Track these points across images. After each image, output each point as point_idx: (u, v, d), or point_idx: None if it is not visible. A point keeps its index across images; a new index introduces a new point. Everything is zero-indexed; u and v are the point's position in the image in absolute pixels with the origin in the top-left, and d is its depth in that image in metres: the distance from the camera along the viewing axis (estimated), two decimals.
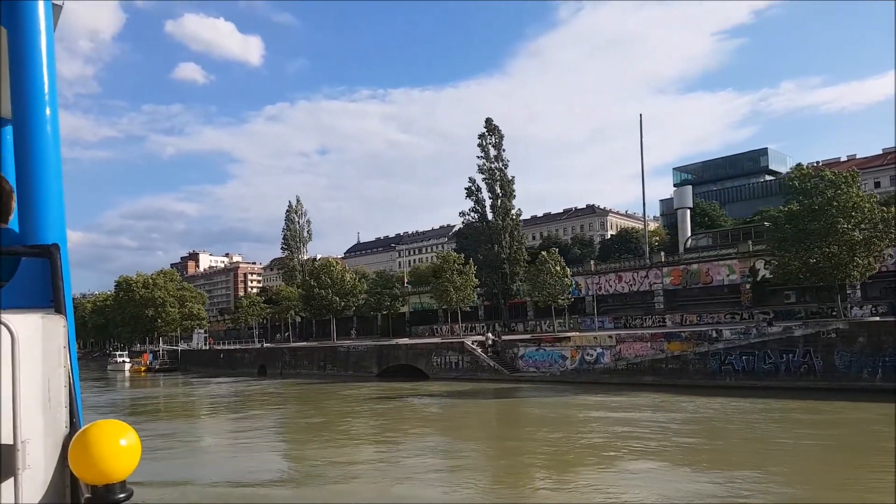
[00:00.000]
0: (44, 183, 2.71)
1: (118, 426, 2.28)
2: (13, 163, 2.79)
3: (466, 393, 45.78)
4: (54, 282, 2.58)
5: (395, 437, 30.18)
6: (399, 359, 60.09)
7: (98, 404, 54.52)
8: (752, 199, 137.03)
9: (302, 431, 33.96)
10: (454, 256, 67.44)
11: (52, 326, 2.45)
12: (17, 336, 2.23)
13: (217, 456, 28.25)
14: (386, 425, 34.44)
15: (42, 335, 2.38)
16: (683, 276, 64.19)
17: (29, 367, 2.28)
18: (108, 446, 2.20)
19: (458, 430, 31.55)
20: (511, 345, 53.12)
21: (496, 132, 77.95)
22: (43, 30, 2.75)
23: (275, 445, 30.46)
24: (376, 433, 31.67)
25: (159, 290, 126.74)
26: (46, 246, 2.60)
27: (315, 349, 71.82)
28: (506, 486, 20.06)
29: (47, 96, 2.74)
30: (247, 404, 49.75)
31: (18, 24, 2.71)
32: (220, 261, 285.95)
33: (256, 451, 28.30)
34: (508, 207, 76.56)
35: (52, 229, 2.70)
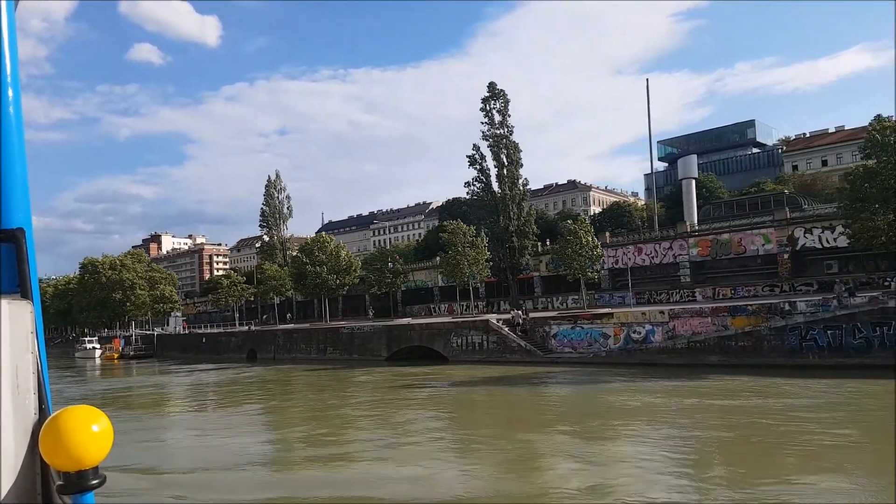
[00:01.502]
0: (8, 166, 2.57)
1: (89, 411, 2.23)
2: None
3: (508, 378, 40.72)
4: (20, 267, 2.50)
5: (478, 437, 25.04)
6: (412, 340, 54.79)
7: (72, 397, 48.48)
8: (740, 172, 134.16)
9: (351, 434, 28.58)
10: (464, 228, 62.11)
11: (19, 312, 2.41)
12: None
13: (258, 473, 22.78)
14: (448, 418, 29.33)
15: (9, 321, 2.34)
16: (712, 246, 59.79)
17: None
18: (79, 432, 2.15)
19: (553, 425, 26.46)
20: (541, 323, 48.17)
21: (501, 96, 72.55)
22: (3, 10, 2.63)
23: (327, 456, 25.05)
24: (450, 435, 26.47)
25: (127, 272, 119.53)
26: (12, 230, 2.51)
27: (313, 331, 66.07)
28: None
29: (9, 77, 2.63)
30: (251, 394, 44.22)
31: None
32: (183, 242, 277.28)
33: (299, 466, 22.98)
34: (516, 176, 71.36)
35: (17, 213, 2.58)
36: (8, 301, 2.38)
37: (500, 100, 72.60)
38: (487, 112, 72.43)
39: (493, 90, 72.70)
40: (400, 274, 76.72)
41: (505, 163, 71.41)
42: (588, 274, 53.01)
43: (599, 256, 53.79)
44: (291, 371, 56.85)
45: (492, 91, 72.70)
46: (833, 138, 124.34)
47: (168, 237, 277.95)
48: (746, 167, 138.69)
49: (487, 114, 72.45)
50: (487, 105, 72.51)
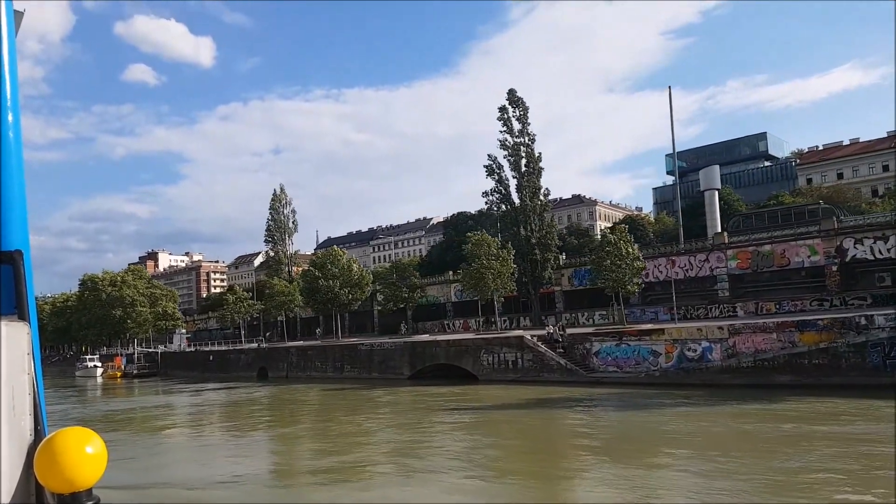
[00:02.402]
0: (7, 189, 2.65)
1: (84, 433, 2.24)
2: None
3: (549, 401, 37.42)
4: (18, 288, 2.53)
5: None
6: (437, 357, 51.42)
7: (74, 419, 44.99)
8: (753, 185, 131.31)
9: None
10: (489, 239, 58.85)
11: (16, 333, 2.41)
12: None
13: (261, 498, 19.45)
14: (482, 446, 25.98)
15: (6, 342, 2.33)
16: (753, 258, 56.58)
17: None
18: (73, 454, 2.16)
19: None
20: (580, 339, 44.86)
21: (520, 104, 69.61)
22: (5, 36, 2.72)
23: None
24: (483, 468, 23.12)
25: (128, 289, 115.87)
26: (10, 252, 2.56)
27: (329, 348, 62.61)
28: None
29: (10, 101, 2.70)
30: (264, 415, 40.81)
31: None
32: (180, 260, 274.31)
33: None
34: (537, 186, 68.26)
35: (16, 236, 2.65)
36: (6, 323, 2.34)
37: (520, 107, 69.68)
38: (506, 120, 69.46)
39: (512, 97, 69.80)
40: (416, 289, 73.26)
41: (525, 172, 68.35)
42: (628, 288, 49.66)
43: (641, 269, 50.50)
44: (307, 390, 53.49)
45: (510, 98, 69.81)
46: (848, 151, 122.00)
47: (165, 255, 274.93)
48: (759, 180, 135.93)
49: (506, 122, 69.48)
50: (506, 113, 69.56)
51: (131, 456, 28.66)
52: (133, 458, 28.09)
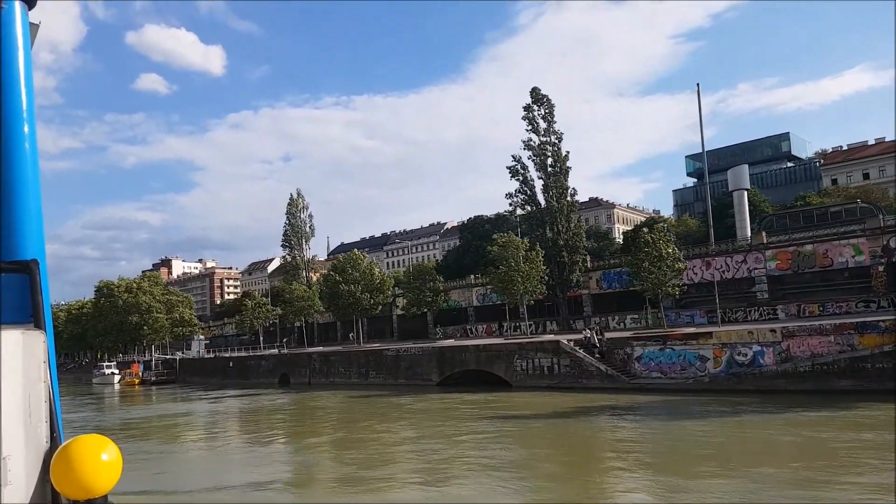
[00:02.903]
0: (23, 199, 2.70)
1: (99, 441, 2.26)
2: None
3: (589, 409, 35.58)
4: (34, 297, 2.58)
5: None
6: (467, 363, 49.58)
7: (94, 428, 43.40)
8: (776, 186, 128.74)
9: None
10: (517, 240, 56.98)
11: (32, 342, 2.46)
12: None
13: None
14: (521, 458, 24.13)
15: (23, 351, 2.39)
16: (794, 259, 54.43)
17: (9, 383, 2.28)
18: (89, 461, 2.19)
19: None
20: (620, 344, 42.92)
21: (545, 102, 67.78)
22: (21, 48, 2.77)
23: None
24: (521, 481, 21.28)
25: (144, 295, 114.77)
26: (26, 262, 2.61)
27: (353, 354, 60.85)
28: None
29: (25, 113, 2.75)
30: (290, 423, 39.12)
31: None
32: (193, 267, 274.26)
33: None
34: (564, 186, 66.35)
35: (32, 245, 2.69)
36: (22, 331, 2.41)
37: (545, 106, 67.86)
38: (531, 119, 67.65)
39: (536, 95, 67.99)
40: (440, 293, 71.39)
41: (552, 172, 66.48)
42: (668, 290, 47.63)
43: (682, 270, 48.50)
44: (331, 397, 51.87)
45: (535, 97, 67.99)
46: (874, 151, 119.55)
47: (178, 261, 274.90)
48: (783, 181, 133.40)
49: (531, 121, 67.67)
50: (531, 112, 67.76)
51: (157, 470, 27.08)
52: (159, 472, 26.55)
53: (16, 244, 2.66)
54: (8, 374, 2.30)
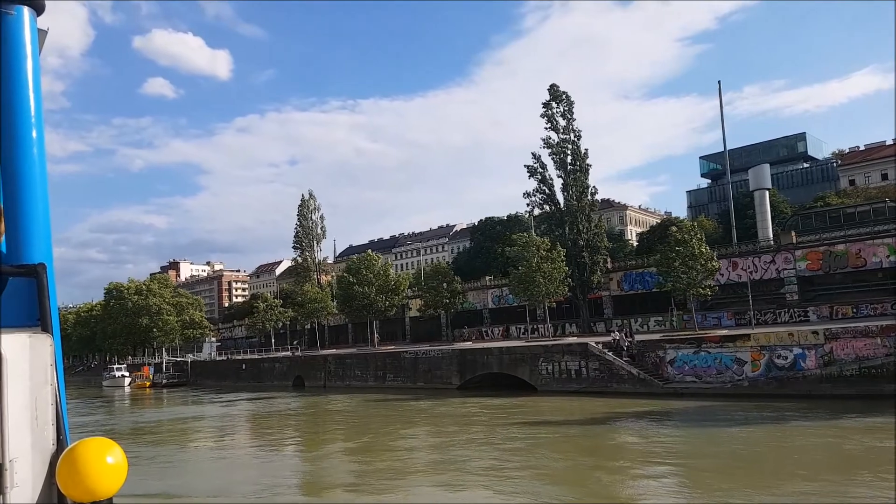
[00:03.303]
0: (30, 203, 2.74)
1: (105, 444, 2.29)
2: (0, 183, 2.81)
3: (623, 414, 34.13)
4: (41, 301, 2.60)
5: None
6: (489, 366, 48.08)
7: (104, 431, 42.07)
8: (793, 187, 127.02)
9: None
10: (538, 240, 55.47)
11: (39, 345, 2.48)
12: (4, 355, 2.26)
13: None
14: (556, 472, 22.62)
15: (29, 354, 2.41)
16: (825, 259, 52.78)
17: (16, 386, 2.30)
18: (95, 464, 2.21)
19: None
20: (652, 346, 41.36)
21: (564, 99, 66.30)
22: (29, 54, 2.81)
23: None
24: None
25: (154, 297, 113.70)
26: (33, 265, 2.64)
27: (370, 356, 59.39)
28: None
29: (33, 118, 2.78)
30: (321, 430, 37.67)
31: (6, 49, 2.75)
32: (201, 269, 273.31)
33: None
34: (584, 185, 64.80)
35: (39, 249, 2.73)
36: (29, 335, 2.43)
37: (563, 103, 66.37)
38: (549, 117, 66.16)
39: (555, 92, 66.51)
40: (458, 294, 69.86)
41: (571, 170, 64.94)
42: (700, 291, 46.04)
43: (715, 269, 46.93)
44: (347, 400, 50.48)
45: (553, 93, 66.52)
46: (892, 151, 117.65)
47: (186, 264, 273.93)
48: (799, 182, 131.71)
49: (550, 119, 66.18)
50: (549, 109, 66.27)
51: (170, 477, 25.73)
52: (172, 479, 25.19)
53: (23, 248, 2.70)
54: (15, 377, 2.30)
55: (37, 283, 2.62)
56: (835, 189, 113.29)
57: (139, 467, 28.70)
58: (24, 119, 2.78)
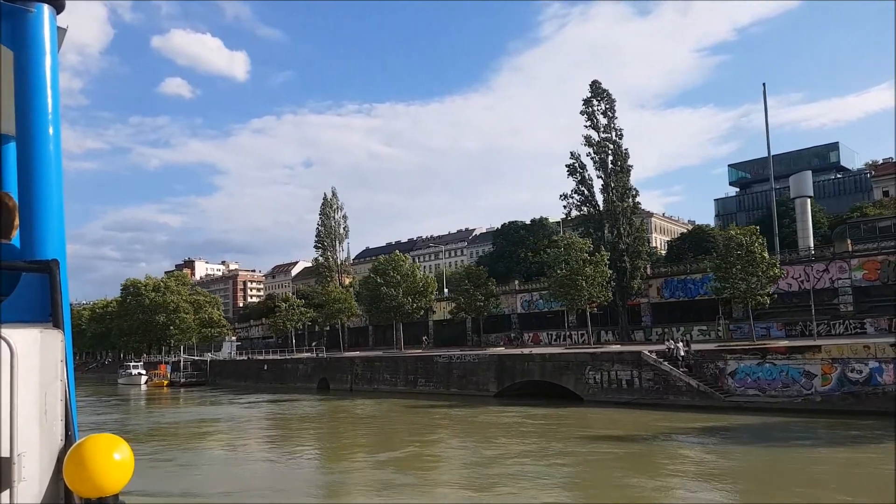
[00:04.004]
0: (45, 199, 2.75)
1: (112, 440, 2.29)
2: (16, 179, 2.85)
3: (684, 429, 31.65)
4: (53, 297, 2.61)
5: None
6: (530, 374, 45.54)
7: (124, 431, 39.84)
8: (825, 198, 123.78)
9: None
10: (580, 242, 52.92)
11: (51, 341, 2.49)
12: (15, 350, 2.26)
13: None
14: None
15: (40, 349, 2.41)
16: (883, 269, 49.91)
17: (26, 381, 2.31)
18: (102, 460, 2.21)
19: None
20: (711, 357, 38.68)
21: (605, 96, 63.73)
22: (48, 52, 2.82)
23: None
24: None
25: (172, 295, 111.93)
26: (46, 261, 2.64)
27: (400, 359, 56.92)
28: None
29: (51, 115, 2.80)
30: (366, 436, 35.19)
31: (26, 47, 2.78)
32: (216, 268, 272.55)
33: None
34: (626, 186, 62.16)
35: (52, 245, 2.74)
36: (40, 330, 2.43)
37: (605, 100, 63.81)
38: (590, 115, 63.62)
39: (597, 89, 63.99)
40: (492, 297, 67.30)
41: (612, 171, 62.31)
42: (760, 298, 43.34)
43: (777, 277, 44.23)
44: (377, 405, 48.34)
45: (595, 91, 63.99)
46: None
47: (201, 263, 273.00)
48: (832, 192, 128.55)
49: (590, 116, 63.64)
50: (590, 107, 63.73)
51: (194, 482, 23.40)
52: (197, 484, 22.86)
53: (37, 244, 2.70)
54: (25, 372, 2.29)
55: (49, 279, 2.60)
56: (867, 200, 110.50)
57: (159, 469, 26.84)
58: (41, 116, 2.76)
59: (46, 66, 2.80)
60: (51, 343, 2.48)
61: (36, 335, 2.41)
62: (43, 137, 2.76)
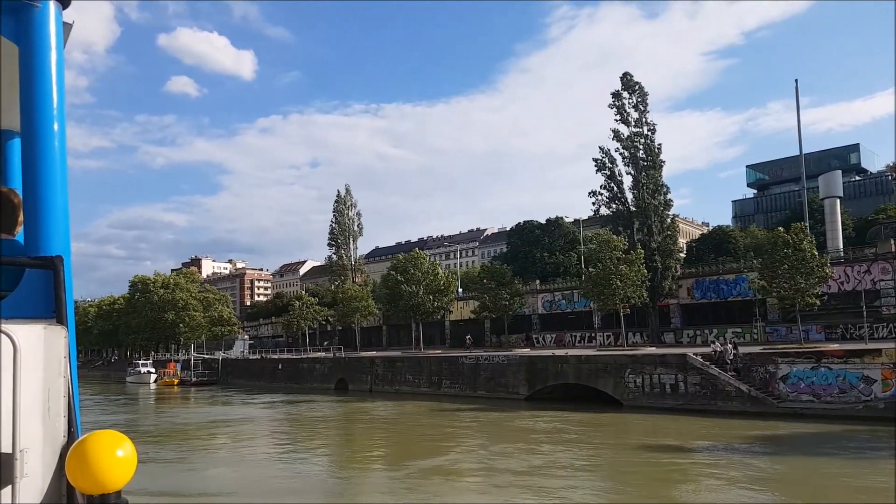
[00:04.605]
0: (50, 196, 2.73)
1: (115, 437, 2.28)
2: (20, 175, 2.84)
3: (741, 437, 29.60)
4: (57, 293, 2.60)
5: None
6: (564, 376, 43.45)
7: (139, 433, 38.04)
8: (846, 200, 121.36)
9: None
10: (615, 240, 50.86)
11: (54, 337, 2.47)
12: (18, 345, 2.25)
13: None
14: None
15: (43, 345, 2.39)
16: None
17: (29, 377, 2.29)
18: (104, 457, 2.20)
19: None
20: (760, 360, 36.57)
21: (637, 89, 61.62)
22: (53, 47, 2.80)
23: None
24: None
25: (181, 292, 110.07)
26: (51, 257, 2.62)
27: (423, 360, 54.85)
28: None
29: (56, 111, 2.78)
30: (393, 440, 33.15)
31: (31, 42, 2.76)
32: (223, 267, 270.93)
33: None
34: (658, 182, 60.01)
35: (57, 241, 2.73)
36: (44, 326, 2.41)
37: (636, 93, 61.70)
38: (620, 108, 61.53)
39: (628, 82, 61.84)
40: (517, 295, 65.25)
41: (644, 166, 60.16)
42: (808, 299, 41.23)
43: (827, 276, 42.13)
44: (400, 407, 46.56)
45: (625, 83, 61.86)
46: None
47: (208, 261, 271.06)
48: (852, 194, 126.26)
49: (620, 110, 61.55)
50: (620, 100, 61.63)
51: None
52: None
53: (41, 240, 2.68)
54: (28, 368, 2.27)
55: (54, 276, 2.58)
56: (891, 201, 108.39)
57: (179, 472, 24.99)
58: (46, 111, 2.74)
59: (52, 62, 2.77)
60: (54, 339, 2.45)
61: (39, 331, 2.37)
62: (48, 133, 2.72)
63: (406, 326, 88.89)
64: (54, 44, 2.79)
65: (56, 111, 2.76)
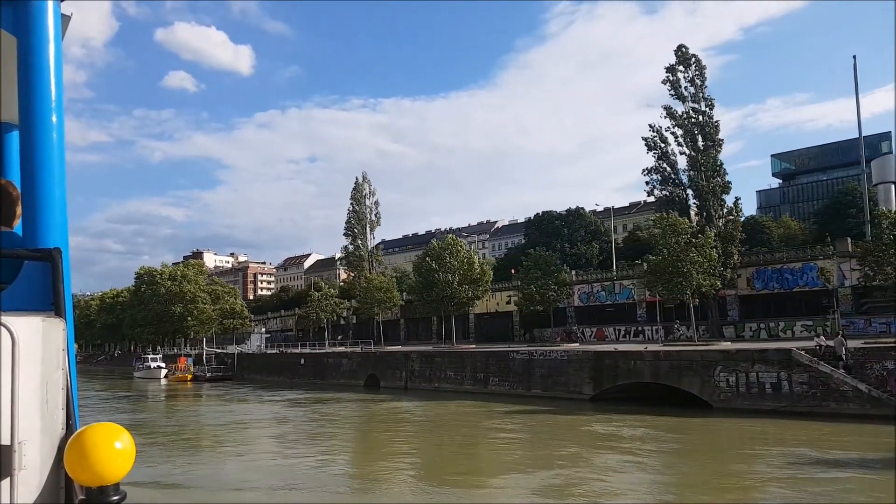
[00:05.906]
0: (48, 188, 2.72)
1: (113, 429, 2.27)
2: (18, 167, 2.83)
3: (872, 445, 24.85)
4: (55, 285, 2.59)
5: None
6: (639, 374, 38.61)
7: (165, 434, 33.42)
8: None
9: None
10: (684, 222, 46.00)
11: (52, 329, 2.46)
12: (17, 338, 2.23)
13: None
14: None
15: (42, 337, 2.38)
16: None
17: (28, 369, 2.28)
18: (103, 449, 2.19)
19: None
20: (877, 355, 31.78)
21: (693, 62, 56.82)
22: (52, 39, 2.77)
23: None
24: None
25: (189, 284, 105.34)
26: (49, 250, 2.62)
27: (466, 355, 50.04)
28: None
29: (54, 103, 2.76)
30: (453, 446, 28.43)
31: (29, 34, 2.73)
32: (225, 261, 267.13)
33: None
34: (717, 163, 55.17)
35: (55, 233, 2.71)
36: (42, 318, 2.39)
37: (693, 67, 56.91)
38: (674, 83, 56.72)
39: (683, 55, 57.14)
40: (565, 285, 60.39)
41: (701, 147, 55.34)
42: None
43: None
44: (447, 406, 42.03)
45: (681, 57, 57.09)
46: None
47: (210, 255, 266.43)
48: None
49: (674, 86, 56.74)
50: (674, 74, 56.83)
51: None
52: None
53: (39, 233, 2.67)
54: (27, 360, 2.25)
55: (52, 268, 2.57)
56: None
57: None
58: (44, 103, 2.72)
59: (50, 54, 2.75)
60: (52, 331, 2.42)
61: (38, 323, 2.34)
62: (46, 125, 2.70)
63: (425, 320, 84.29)
64: (52, 35, 2.74)
65: (54, 103, 2.72)
